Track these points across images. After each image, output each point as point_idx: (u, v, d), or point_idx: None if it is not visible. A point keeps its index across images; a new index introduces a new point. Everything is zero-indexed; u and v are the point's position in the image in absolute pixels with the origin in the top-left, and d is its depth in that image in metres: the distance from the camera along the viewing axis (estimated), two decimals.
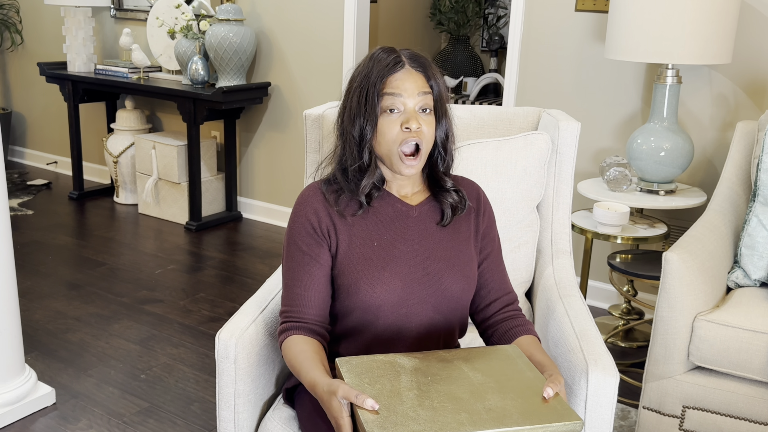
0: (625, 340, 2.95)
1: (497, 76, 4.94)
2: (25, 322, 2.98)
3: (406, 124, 1.38)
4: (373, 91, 1.39)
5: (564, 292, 1.74)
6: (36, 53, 5.26)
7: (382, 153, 1.42)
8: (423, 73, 1.43)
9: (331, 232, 1.44)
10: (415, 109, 1.40)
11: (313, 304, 1.43)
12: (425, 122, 1.41)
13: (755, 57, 2.80)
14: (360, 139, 1.42)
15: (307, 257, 1.44)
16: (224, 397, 1.50)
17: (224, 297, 3.31)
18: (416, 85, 1.40)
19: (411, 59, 1.44)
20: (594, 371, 1.39)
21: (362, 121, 1.41)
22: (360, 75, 1.42)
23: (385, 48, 1.45)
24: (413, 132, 1.38)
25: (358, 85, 1.42)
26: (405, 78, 1.40)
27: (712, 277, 2.07)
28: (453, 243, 1.49)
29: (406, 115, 1.39)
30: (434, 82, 1.44)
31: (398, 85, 1.39)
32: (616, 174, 2.75)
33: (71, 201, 4.69)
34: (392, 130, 1.39)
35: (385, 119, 1.40)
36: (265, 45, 4.15)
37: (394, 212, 1.47)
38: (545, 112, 2.05)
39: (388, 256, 1.43)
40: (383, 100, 1.39)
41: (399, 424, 1.11)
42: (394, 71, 1.40)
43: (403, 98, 1.39)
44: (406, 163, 1.41)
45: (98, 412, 2.38)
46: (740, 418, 1.99)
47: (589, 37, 3.13)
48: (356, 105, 1.41)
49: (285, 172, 4.27)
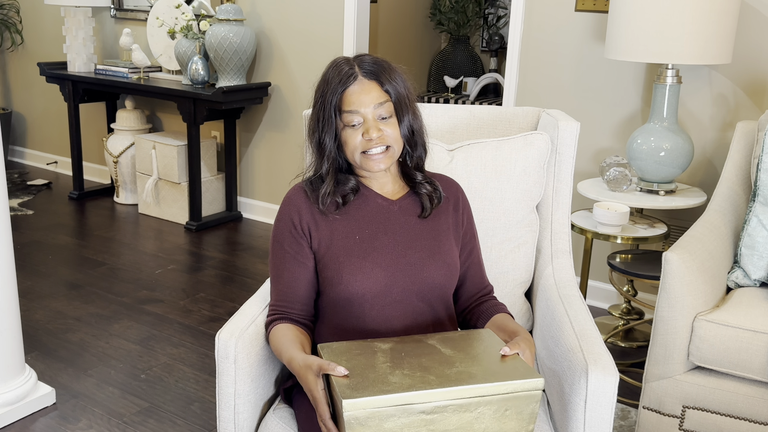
0: (625, 340, 2.95)
1: (497, 76, 4.94)
2: (25, 322, 2.98)
3: (366, 135, 1.44)
4: (330, 108, 1.45)
5: (564, 292, 1.74)
6: (36, 53, 5.27)
7: (351, 159, 1.49)
8: (377, 80, 1.46)
9: (312, 229, 1.50)
10: (374, 118, 1.45)
11: (297, 299, 1.50)
12: (387, 126, 1.46)
13: (755, 57, 2.80)
14: (320, 151, 1.50)
15: (289, 256, 1.50)
16: (224, 397, 1.50)
17: (224, 297, 3.31)
18: (371, 96, 1.44)
19: (364, 69, 1.47)
20: (594, 371, 1.39)
21: (321, 135, 1.48)
22: (320, 89, 1.49)
23: (338, 62, 1.49)
24: (375, 140, 1.44)
25: (317, 99, 1.49)
26: (360, 91, 1.44)
27: (712, 277, 2.07)
28: (434, 233, 1.54)
29: (365, 126, 1.45)
30: (390, 86, 1.47)
31: (353, 101, 1.44)
32: (616, 174, 2.75)
33: (71, 201, 4.70)
34: (354, 140, 1.46)
35: (347, 131, 1.46)
36: (265, 45, 4.15)
37: (376, 207, 1.53)
38: (545, 112, 2.05)
39: (370, 248, 1.48)
40: (342, 117, 1.46)
41: (369, 386, 1.18)
42: (347, 85, 1.45)
43: (360, 111, 1.44)
44: (373, 159, 1.46)
45: (98, 412, 2.39)
46: (740, 418, 1.99)
47: (589, 37, 3.13)
48: (316, 121, 1.49)
49: (285, 172, 4.27)
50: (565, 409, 1.46)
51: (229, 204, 4.43)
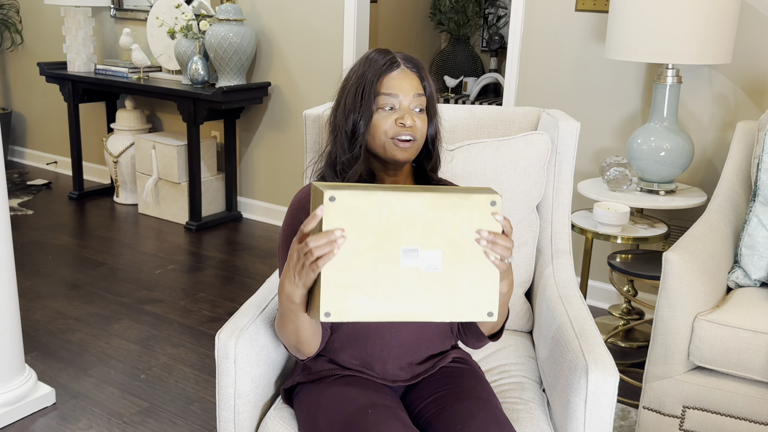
0: (625, 340, 2.95)
1: (497, 76, 4.94)
2: (25, 322, 2.98)
3: (401, 120, 1.43)
4: (370, 89, 1.43)
5: (564, 292, 1.74)
6: (36, 53, 5.26)
7: (375, 145, 1.46)
8: (417, 74, 1.47)
9: None
10: (410, 107, 1.44)
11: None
12: (419, 119, 1.46)
13: (755, 57, 2.80)
14: (352, 134, 1.45)
15: None
16: (224, 397, 1.50)
17: (224, 297, 3.31)
18: (411, 85, 1.45)
19: (406, 60, 1.48)
20: (594, 371, 1.39)
21: (356, 116, 1.44)
22: (355, 75, 1.46)
23: (380, 50, 1.49)
24: (407, 127, 1.43)
25: (353, 83, 1.45)
26: (401, 78, 1.44)
27: (712, 277, 2.07)
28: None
29: (401, 112, 1.44)
30: (427, 83, 1.48)
31: (394, 85, 1.43)
32: (616, 174, 2.75)
33: (71, 201, 4.70)
34: (386, 123, 1.44)
35: (380, 115, 1.44)
36: (265, 45, 4.15)
37: None
38: (545, 112, 2.05)
39: None
40: (379, 99, 1.43)
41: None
42: (390, 71, 1.44)
43: (399, 98, 1.43)
44: (401, 147, 1.44)
45: (98, 412, 2.39)
46: (740, 418, 1.99)
47: (589, 37, 3.13)
48: (351, 102, 1.45)
49: (285, 172, 4.27)
50: (565, 409, 1.46)
51: (229, 204, 4.43)
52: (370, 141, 1.46)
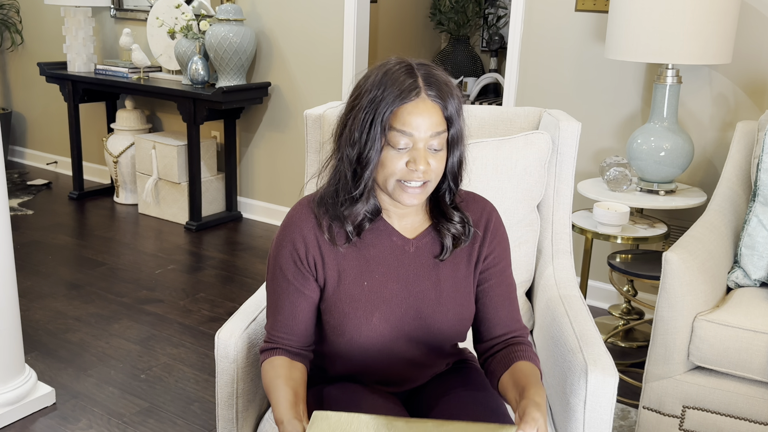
0: (625, 340, 2.95)
1: (497, 76, 4.94)
2: (25, 322, 2.98)
3: (412, 164, 1.24)
4: (380, 120, 1.23)
5: (564, 291, 1.74)
6: (36, 53, 5.26)
7: (381, 182, 1.29)
8: (441, 103, 1.25)
9: (319, 265, 1.33)
10: (425, 147, 1.25)
11: (297, 331, 1.36)
12: (435, 159, 1.26)
13: (755, 57, 2.80)
14: (357, 166, 1.27)
15: (293, 287, 1.34)
16: (224, 397, 1.50)
17: (224, 297, 3.31)
18: (431, 122, 1.24)
19: (429, 86, 1.25)
20: (593, 371, 1.39)
21: (362, 149, 1.25)
22: (369, 92, 1.25)
23: (402, 63, 1.27)
24: (419, 172, 1.24)
25: (365, 107, 1.25)
26: (419, 111, 1.23)
27: (712, 277, 2.07)
28: (451, 281, 1.37)
29: (413, 154, 1.24)
30: (452, 112, 1.27)
31: (410, 122, 1.23)
32: (616, 174, 2.75)
33: (71, 201, 4.70)
34: (395, 164, 1.25)
35: (389, 152, 1.25)
36: (265, 45, 4.15)
37: (390, 247, 1.35)
38: (546, 112, 2.05)
39: (378, 299, 1.33)
40: (391, 135, 1.24)
41: None
42: (407, 100, 1.23)
43: (414, 137, 1.24)
44: (409, 192, 1.27)
45: (98, 412, 2.39)
46: (740, 418, 1.99)
47: (589, 37, 3.13)
48: (358, 130, 1.25)
49: (285, 172, 4.27)
50: (565, 410, 1.46)
51: (229, 204, 4.43)
52: (376, 176, 1.28)
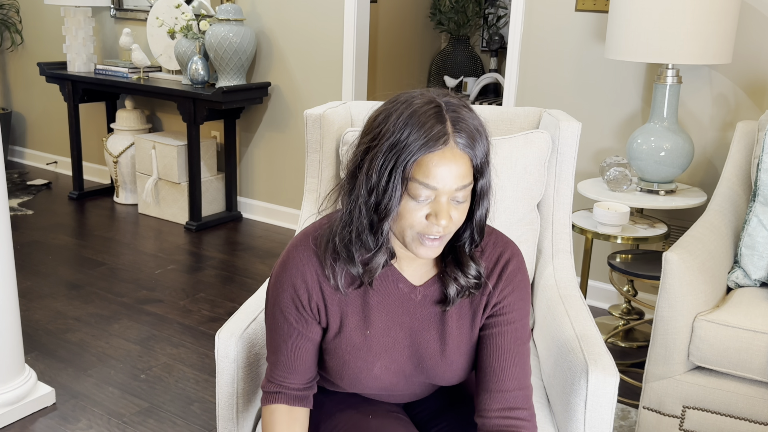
0: (625, 340, 2.95)
1: (497, 76, 4.94)
2: (25, 322, 2.98)
3: (434, 219, 1.12)
4: (401, 170, 1.10)
5: (564, 291, 1.74)
6: (36, 53, 5.26)
7: (395, 230, 1.17)
8: (470, 152, 1.12)
9: (322, 311, 1.26)
10: (449, 200, 1.13)
11: (300, 370, 1.30)
12: (458, 211, 1.15)
13: (755, 57, 2.80)
14: (374, 212, 1.14)
15: (295, 330, 1.26)
16: (224, 397, 1.50)
17: (224, 297, 3.30)
18: (458, 173, 1.11)
19: (458, 131, 1.11)
20: (594, 371, 1.39)
21: (380, 198, 1.12)
22: (391, 135, 1.10)
23: (431, 105, 1.12)
24: (440, 227, 1.13)
25: (385, 150, 1.10)
26: (446, 163, 1.10)
27: (712, 277, 2.07)
28: (456, 332, 1.29)
29: (435, 207, 1.12)
30: (481, 161, 1.15)
31: (434, 174, 1.09)
32: (616, 174, 2.75)
33: (71, 201, 4.69)
34: (414, 217, 1.13)
35: (408, 203, 1.12)
36: (265, 45, 4.15)
37: (396, 293, 1.27)
38: (546, 112, 2.05)
39: (380, 348, 1.27)
40: (412, 186, 1.11)
41: None
42: (433, 149, 1.09)
43: (437, 190, 1.11)
44: (427, 245, 1.15)
45: (98, 412, 2.38)
46: (740, 418, 1.99)
47: (589, 37, 3.13)
48: (376, 176, 1.12)
49: (285, 172, 4.27)
50: (565, 410, 1.46)
51: (229, 204, 4.43)
52: (395, 226, 1.17)
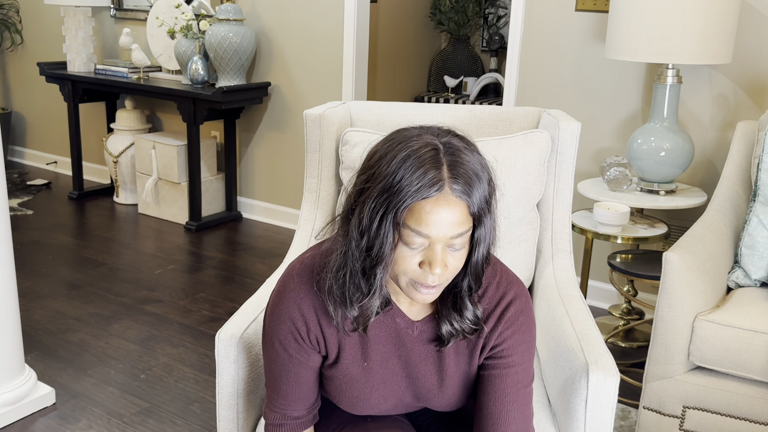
0: (625, 340, 2.95)
1: (497, 76, 4.94)
2: (25, 322, 2.98)
3: (427, 267, 1.07)
4: (392, 216, 1.04)
5: (564, 291, 1.74)
6: (36, 53, 5.26)
7: (391, 274, 1.12)
8: (466, 200, 1.04)
9: (321, 342, 1.23)
10: (444, 247, 1.06)
11: (302, 397, 1.28)
12: (454, 258, 1.09)
13: (755, 57, 2.80)
14: (364, 265, 1.10)
15: (295, 360, 1.24)
16: (224, 397, 1.50)
17: (224, 297, 3.30)
18: (452, 221, 1.04)
19: (455, 177, 1.03)
20: (594, 371, 1.39)
21: (372, 242, 1.07)
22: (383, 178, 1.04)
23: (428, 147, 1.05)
24: (435, 276, 1.07)
25: (376, 194, 1.05)
26: (440, 210, 1.03)
27: (712, 277, 2.07)
28: (454, 367, 1.26)
29: (428, 255, 1.06)
30: (479, 206, 1.07)
31: (427, 221, 1.03)
32: (616, 174, 2.75)
33: (71, 201, 4.69)
34: (407, 264, 1.08)
35: (402, 250, 1.07)
36: (265, 45, 4.15)
37: (394, 329, 1.24)
38: (545, 112, 2.05)
39: (377, 380, 1.25)
40: (404, 233, 1.05)
41: None
42: (427, 195, 1.02)
43: (431, 238, 1.05)
44: (422, 292, 1.10)
45: (98, 412, 2.38)
46: (740, 418, 1.99)
47: (589, 37, 3.13)
48: (367, 219, 1.06)
49: (285, 172, 4.27)
50: (565, 410, 1.46)
51: (228, 204, 4.43)
52: (390, 272, 1.12)
